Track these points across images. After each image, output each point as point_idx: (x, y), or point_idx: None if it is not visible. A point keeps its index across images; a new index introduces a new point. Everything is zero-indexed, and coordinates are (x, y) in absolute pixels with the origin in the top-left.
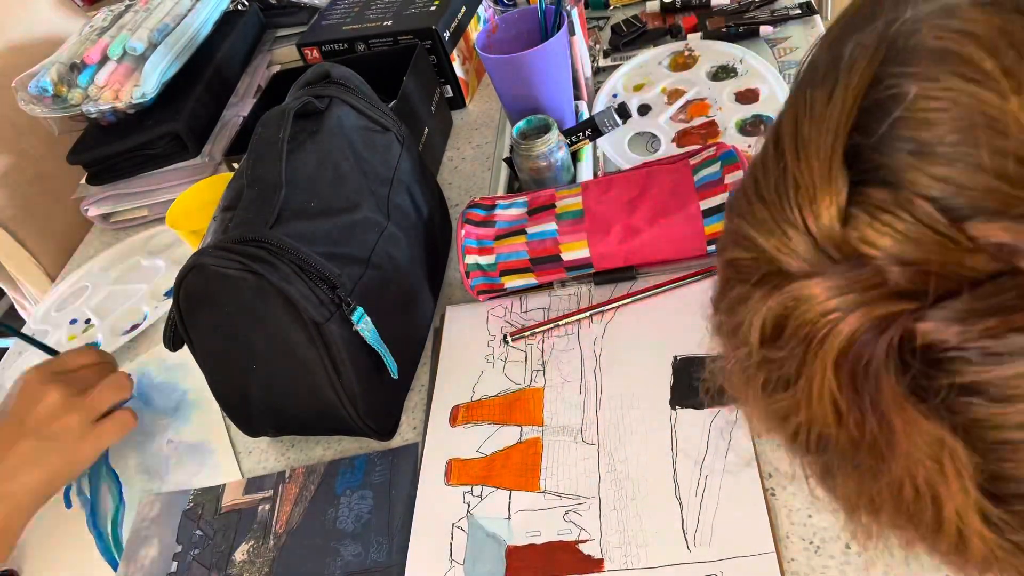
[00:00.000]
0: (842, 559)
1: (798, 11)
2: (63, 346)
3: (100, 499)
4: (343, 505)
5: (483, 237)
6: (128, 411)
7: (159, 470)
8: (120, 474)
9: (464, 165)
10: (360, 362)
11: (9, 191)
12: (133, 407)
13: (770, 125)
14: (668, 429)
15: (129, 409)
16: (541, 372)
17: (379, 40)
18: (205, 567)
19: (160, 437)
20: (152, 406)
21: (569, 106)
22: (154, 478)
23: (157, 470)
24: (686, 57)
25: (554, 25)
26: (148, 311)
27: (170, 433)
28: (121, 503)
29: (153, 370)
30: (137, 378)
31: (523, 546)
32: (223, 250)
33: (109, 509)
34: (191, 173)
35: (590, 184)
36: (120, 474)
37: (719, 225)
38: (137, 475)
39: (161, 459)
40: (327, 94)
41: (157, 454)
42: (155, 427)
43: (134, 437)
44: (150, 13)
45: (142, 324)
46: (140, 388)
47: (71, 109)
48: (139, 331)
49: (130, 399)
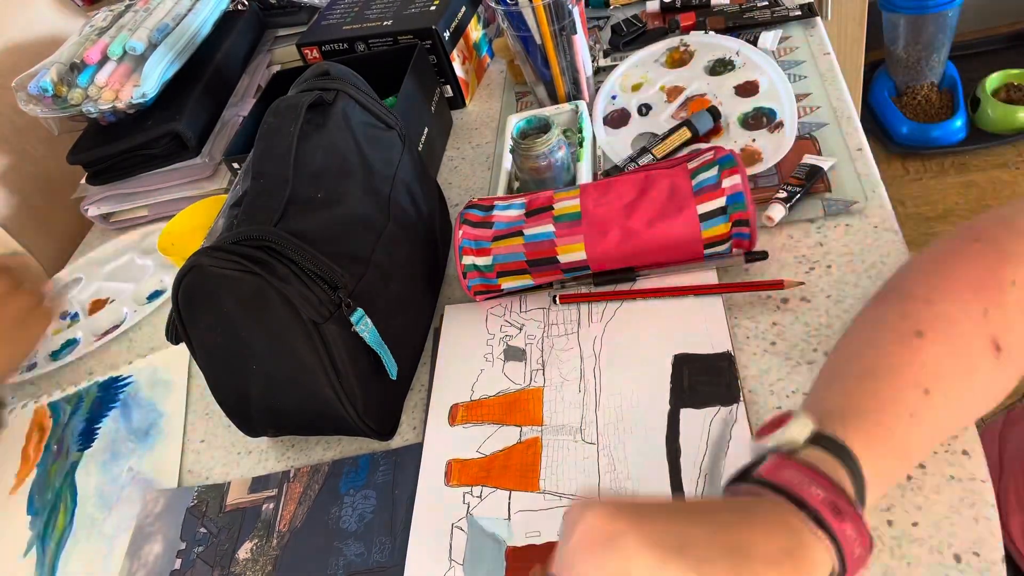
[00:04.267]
0: None
1: (798, 12)
2: (49, 340)
3: (55, 515)
4: (346, 505)
5: (480, 238)
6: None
7: (110, 498)
8: (79, 490)
9: (464, 165)
10: (360, 362)
11: (9, 191)
12: (114, 419)
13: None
14: (668, 428)
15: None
16: (540, 371)
17: (379, 40)
18: (208, 565)
19: (124, 461)
20: (129, 422)
21: None
22: (103, 507)
23: (109, 498)
24: (682, 52)
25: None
26: (128, 313)
27: (133, 460)
28: (70, 526)
29: (143, 382)
30: (125, 388)
31: (523, 546)
32: (222, 251)
33: (58, 529)
34: (191, 173)
35: (588, 187)
36: (79, 490)
37: (716, 229)
38: (92, 497)
39: (117, 487)
40: (333, 87)
41: (116, 479)
42: (123, 449)
43: (104, 454)
44: (150, 13)
45: (120, 327)
46: (124, 400)
47: (71, 109)
48: (116, 335)
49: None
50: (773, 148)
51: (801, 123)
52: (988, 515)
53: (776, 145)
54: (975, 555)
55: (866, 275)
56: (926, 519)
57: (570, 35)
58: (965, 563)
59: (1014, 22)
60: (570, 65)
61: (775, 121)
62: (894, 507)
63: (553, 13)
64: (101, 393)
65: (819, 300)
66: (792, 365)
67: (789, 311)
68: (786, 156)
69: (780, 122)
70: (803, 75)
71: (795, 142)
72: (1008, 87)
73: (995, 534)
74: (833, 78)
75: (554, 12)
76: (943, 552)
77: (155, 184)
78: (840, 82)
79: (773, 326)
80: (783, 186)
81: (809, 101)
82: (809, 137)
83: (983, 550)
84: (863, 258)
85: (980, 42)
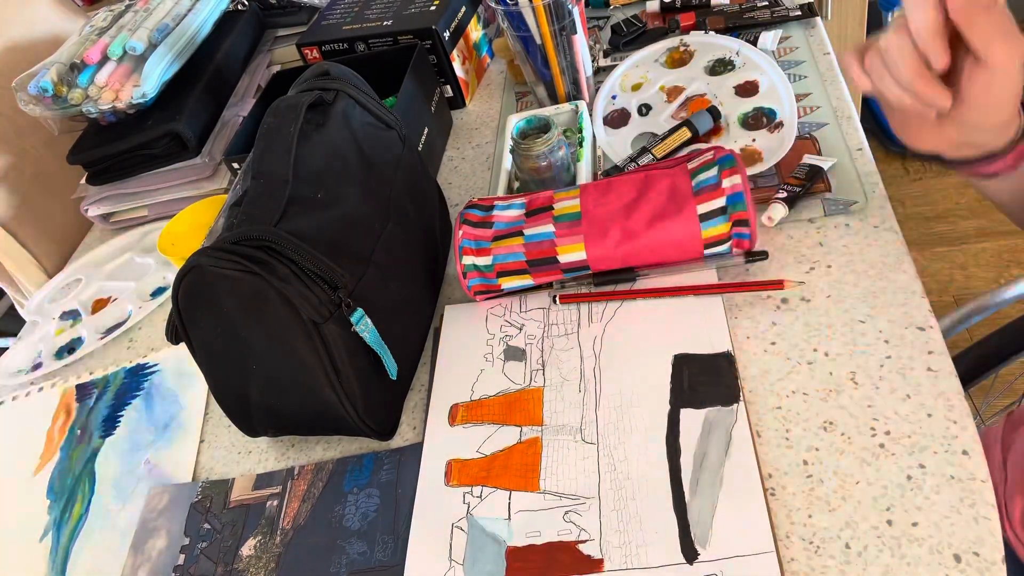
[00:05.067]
0: (842, 559)
1: (798, 12)
2: (50, 340)
3: (72, 503)
4: (350, 503)
5: (480, 238)
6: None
7: (125, 490)
8: (98, 479)
9: (464, 165)
10: (360, 362)
11: (9, 191)
12: (136, 408)
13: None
14: (668, 428)
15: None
16: (540, 371)
17: (379, 40)
18: (212, 561)
19: (142, 453)
20: (152, 412)
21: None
22: (119, 499)
23: (124, 489)
24: (682, 52)
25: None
26: (132, 310)
27: (151, 452)
28: (86, 514)
29: (168, 372)
30: (151, 377)
31: (523, 546)
32: (222, 251)
33: (74, 517)
34: (191, 173)
35: (588, 187)
36: (98, 479)
37: (716, 229)
38: (110, 488)
39: (134, 479)
40: (333, 87)
41: (134, 471)
42: (142, 440)
43: (125, 443)
44: (150, 13)
45: (125, 324)
46: (148, 388)
47: (71, 109)
48: (121, 331)
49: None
50: (773, 148)
51: (801, 123)
52: (988, 515)
53: (776, 145)
54: (975, 555)
55: (866, 275)
56: (926, 519)
57: (570, 35)
58: (965, 563)
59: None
60: (570, 65)
61: (775, 121)
62: (894, 507)
63: (553, 13)
64: (128, 379)
65: (819, 300)
66: (792, 365)
67: (789, 311)
68: (786, 156)
69: (780, 122)
70: (803, 75)
71: (795, 142)
72: None
73: (995, 534)
74: (833, 78)
75: (554, 12)
76: (943, 552)
77: (155, 184)
78: (840, 82)
79: (773, 326)
80: (783, 186)
81: (809, 101)
82: (809, 137)
83: (983, 550)
84: (863, 258)
85: None
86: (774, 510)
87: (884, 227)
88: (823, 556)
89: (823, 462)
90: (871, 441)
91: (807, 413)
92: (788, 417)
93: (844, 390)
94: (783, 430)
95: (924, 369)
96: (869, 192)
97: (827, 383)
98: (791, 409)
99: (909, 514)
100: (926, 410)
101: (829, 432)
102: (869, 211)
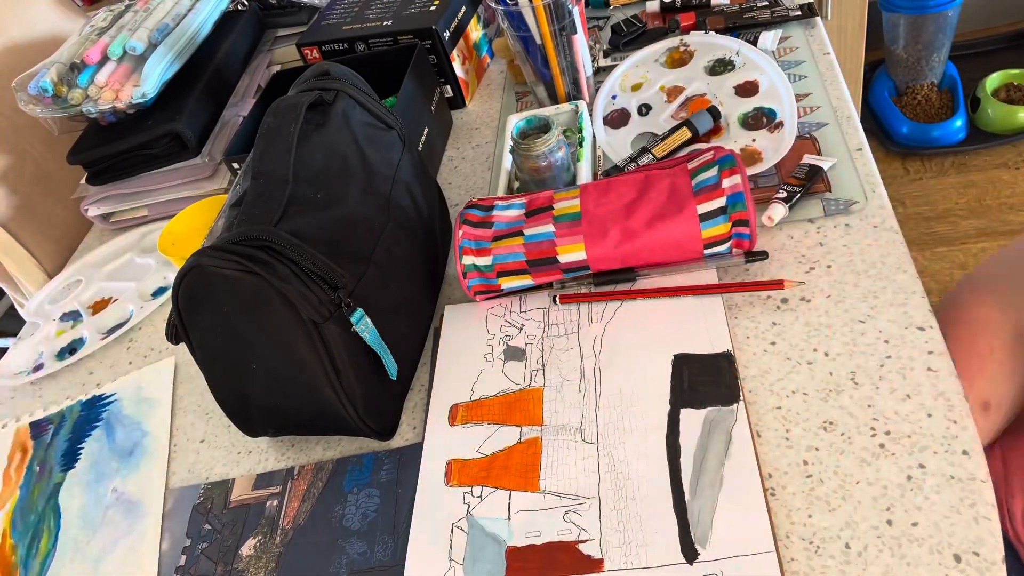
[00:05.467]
0: (842, 559)
1: (798, 12)
2: (51, 341)
3: (38, 539)
4: (350, 503)
5: (480, 238)
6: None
7: (94, 521)
8: (63, 512)
9: (464, 165)
10: (360, 362)
11: (9, 191)
12: (97, 438)
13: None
14: (668, 428)
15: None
16: (540, 371)
17: (379, 40)
18: (212, 561)
19: (108, 481)
20: (113, 441)
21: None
22: (88, 528)
23: (92, 520)
24: (682, 52)
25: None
26: (133, 309)
27: (117, 480)
28: (53, 549)
29: (126, 400)
30: (108, 407)
31: (523, 546)
32: (222, 251)
33: (41, 552)
34: (191, 173)
35: (589, 187)
36: (63, 512)
37: (716, 229)
38: (76, 519)
39: (101, 508)
40: (333, 87)
41: (100, 500)
42: (107, 469)
43: (88, 474)
44: (150, 13)
45: (127, 323)
46: (108, 418)
47: (71, 109)
48: (123, 331)
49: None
50: (773, 148)
51: (801, 123)
52: (988, 515)
53: (776, 145)
54: (975, 555)
55: (866, 275)
56: (926, 519)
57: (570, 35)
58: (965, 563)
59: (1014, 22)
60: (570, 65)
61: (775, 121)
62: (894, 507)
63: (553, 13)
64: (84, 411)
65: (819, 300)
66: (792, 365)
67: (789, 311)
68: (786, 156)
69: (780, 122)
70: (803, 75)
71: (795, 142)
72: (1008, 87)
73: (995, 534)
74: (833, 78)
75: (554, 12)
76: (943, 552)
77: (155, 184)
78: (840, 82)
79: (773, 326)
80: (783, 186)
81: (809, 101)
82: (809, 137)
83: (983, 550)
84: (863, 258)
85: (980, 42)
86: (774, 510)
87: (884, 227)
88: (823, 556)
89: (823, 462)
90: (871, 441)
91: (807, 413)
92: (788, 417)
93: (844, 390)
94: (783, 430)
95: (924, 369)
96: (869, 192)
97: (827, 383)
98: (791, 409)
99: (909, 514)
100: (926, 410)
101: (829, 432)
102: (869, 211)
